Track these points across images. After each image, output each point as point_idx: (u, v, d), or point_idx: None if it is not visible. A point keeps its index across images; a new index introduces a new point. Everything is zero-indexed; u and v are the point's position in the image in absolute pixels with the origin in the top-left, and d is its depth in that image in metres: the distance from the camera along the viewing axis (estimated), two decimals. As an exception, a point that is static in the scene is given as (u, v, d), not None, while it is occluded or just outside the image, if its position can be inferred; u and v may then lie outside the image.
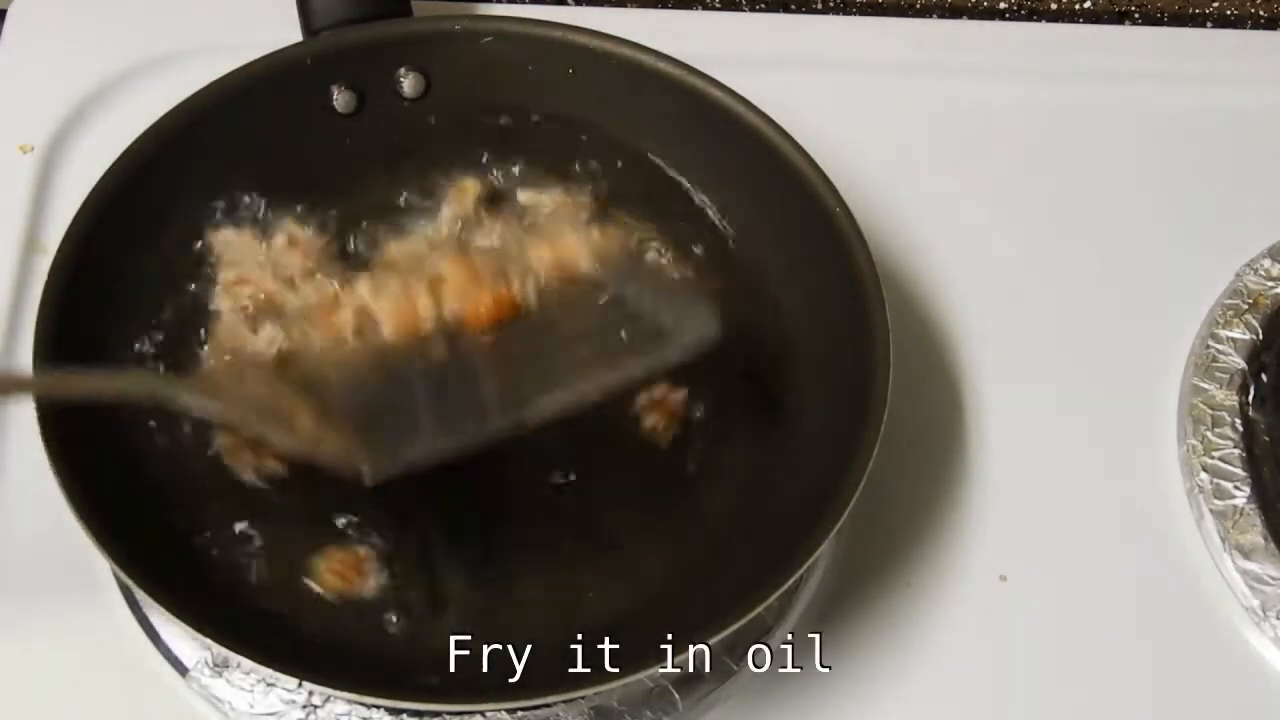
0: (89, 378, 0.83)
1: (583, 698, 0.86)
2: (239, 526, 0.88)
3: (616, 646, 0.85)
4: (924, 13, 1.21)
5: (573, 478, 0.92)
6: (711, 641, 0.81)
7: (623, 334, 0.86)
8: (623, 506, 0.91)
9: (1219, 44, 1.20)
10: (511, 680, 0.83)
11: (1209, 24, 1.22)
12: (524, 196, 0.99)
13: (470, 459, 0.87)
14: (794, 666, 0.90)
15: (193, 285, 0.95)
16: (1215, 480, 0.96)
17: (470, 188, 0.99)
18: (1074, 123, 1.13)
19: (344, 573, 0.87)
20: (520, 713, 0.85)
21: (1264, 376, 1.00)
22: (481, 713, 0.83)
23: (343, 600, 0.86)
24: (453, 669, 0.85)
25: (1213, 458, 0.97)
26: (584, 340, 0.86)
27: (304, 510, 0.89)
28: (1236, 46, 1.20)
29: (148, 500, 0.88)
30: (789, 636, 0.91)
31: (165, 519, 0.88)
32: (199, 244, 0.96)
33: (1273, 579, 0.93)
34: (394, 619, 0.86)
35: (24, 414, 0.87)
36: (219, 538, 0.88)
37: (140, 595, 0.83)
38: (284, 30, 1.00)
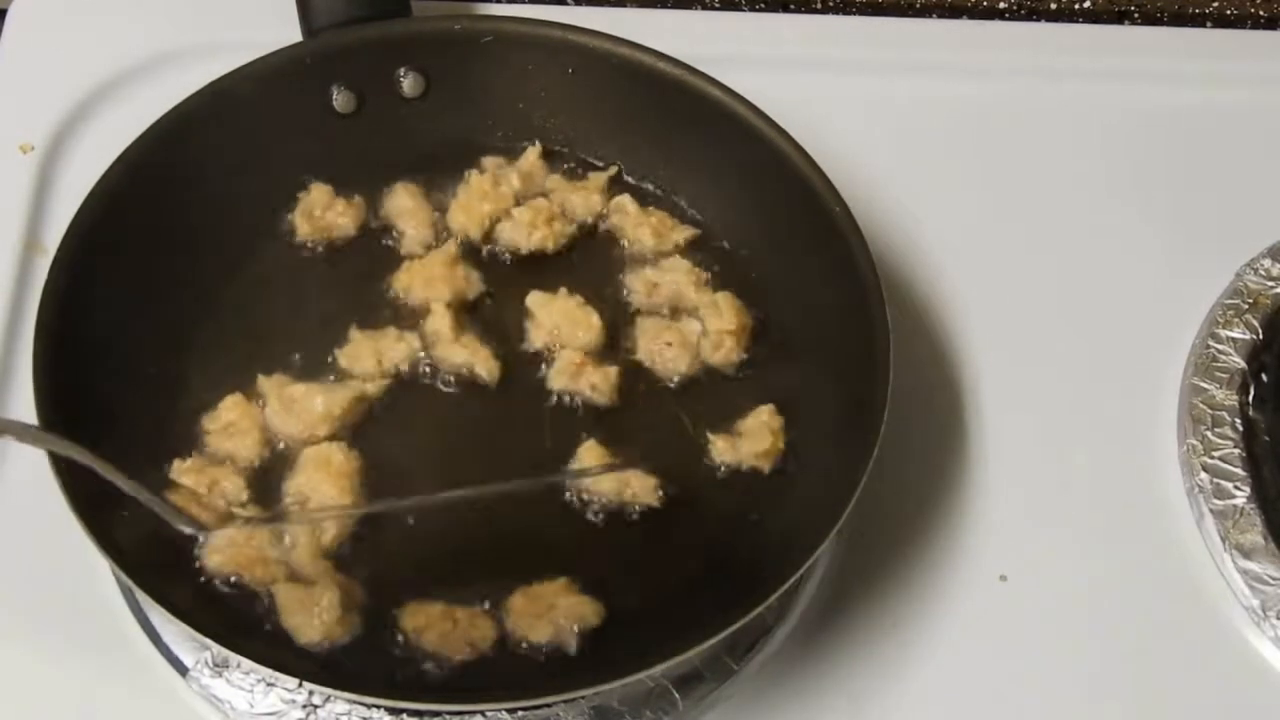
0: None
1: (583, 698, 0.86)
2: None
3: (616, 646, 0.85)
4: (924, 13, 1.21)
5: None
6: (711, 641, 0.81)
7: None
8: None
9: (1219, 44, 1.20)
10: (512, 680, 0.83)
11: (1209, 24, 1.22)
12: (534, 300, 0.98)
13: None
14: (794, 666, 0.90)
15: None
16: (1215, 480, 0.96)
17: None
18: (1074, 123, 1.13)
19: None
20: (520, 713, 0.85)
21: (1264, 376, 1.00)
22: (481, 713, 0.83)
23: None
24: (453, 669, 0.85)
25: (1213, 458, 0.97)
26: None
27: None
28: (1236, 46, 1.20)
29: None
30: (789, 636, 0.91)
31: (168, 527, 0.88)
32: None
33: (1273, 579, 0.93)
34: (394, 616, 0.87)
35: (24, 414, 0.87)
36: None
37: (140, 595, 0.83)
38: (284, 30, 1.00)
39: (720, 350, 0.95)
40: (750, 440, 0.91)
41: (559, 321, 0.95)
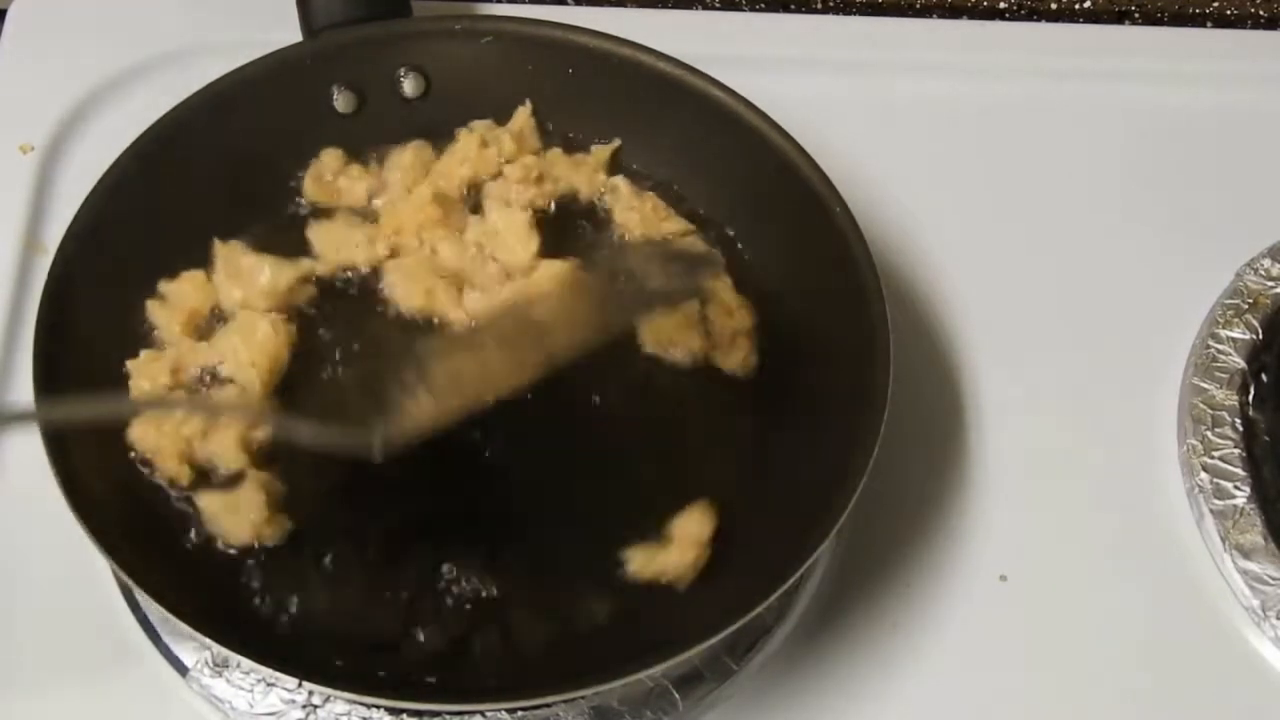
0: (94, 403, 0.83)
1: (583, 698, 0.86)
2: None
3: (616, 646, 0.85)
4: (924, 13, 1.21)
5: (573, 480, 0.92)
6: (711, 641, 0.81)
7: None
8: (624, 507, 0.91)
9: (1219, 44, 1.20)
10: (511, 680, 0.83)
11: (1209, 24, 1.22)
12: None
13: (470, 462, 0.89)
14: (794, 666, 0.90)
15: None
16: (1215, 480, 0.96)
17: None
18: (1074, 123, 1.13)
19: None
20: (520, 713, 0.85)
21: (1264, 376, 1.00)
22: (481, 713, 0.83)
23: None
24: (452, 668, 0.85)
25: (1213, 458, 0.97)
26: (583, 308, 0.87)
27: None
28: (1236, 46, 1.20)
29: (148, 500, 0.88)
30: (789, 636, 0.91)
31: (165, 519, 0.88)
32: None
33: (1273, 579, 0.93)
34: (393, 618, 0.87)
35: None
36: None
37: (140, 595, 0.83)
38: (284, 30, 1.00)
39: (737, 354, 0.94)
40: (675, 551, 0.88)
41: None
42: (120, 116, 1.03)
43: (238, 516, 0.86)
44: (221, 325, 0.93)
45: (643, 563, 0.87)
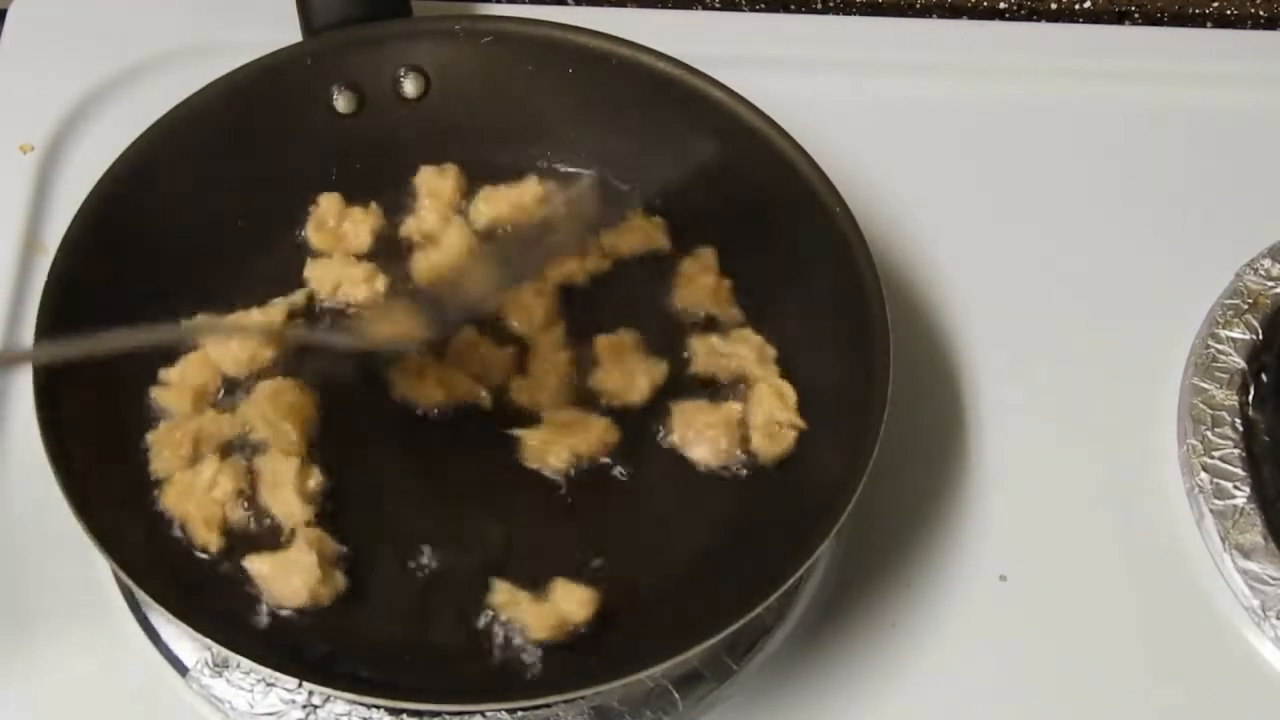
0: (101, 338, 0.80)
1: (583, 698, 0.86)
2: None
3: (616, 646, 0.85)
4: (924, 13, 1.21)
5: (573, 480, 0.92)
6: (711, 641, 0.81)
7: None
8: (623, 508, 0.91)
9: (1219, 44, 1.20)
10: (512, 680, 0.83)
11: (1209, 24, 1.22)
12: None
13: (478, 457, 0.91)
14: (794, 666, 0.90)
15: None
16: (1215, 480, 0.96)
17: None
18: (1074, 123, 1.13)
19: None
20: (520, 713, 0.85)
21: (1264, 376, 1.00)
22: (481, 713, 0.83)
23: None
24: (453, 669, 0.85)
25: (1213, 458, 0.97)
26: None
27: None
28: (1236, 46, 1.20)
29: (148, 500, 0.88)
30: (789, 636, 0.91)
31: (166, 518, 0.88)
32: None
33: (1273, 579, 0.93)
34: (393, 618, 0.87)
35: (25, 414, 0.87)
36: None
37: (140, 595, 0.83)
38: (284, 30, 1.00)
39: (776, 446, 0.91)
40: (535, 611, 0.86)
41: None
42: (120, 116, 1.03)
43: (290, 580, 0.85)
44: (234, 392, 0.92)
45: (505, 601, 0.86)
